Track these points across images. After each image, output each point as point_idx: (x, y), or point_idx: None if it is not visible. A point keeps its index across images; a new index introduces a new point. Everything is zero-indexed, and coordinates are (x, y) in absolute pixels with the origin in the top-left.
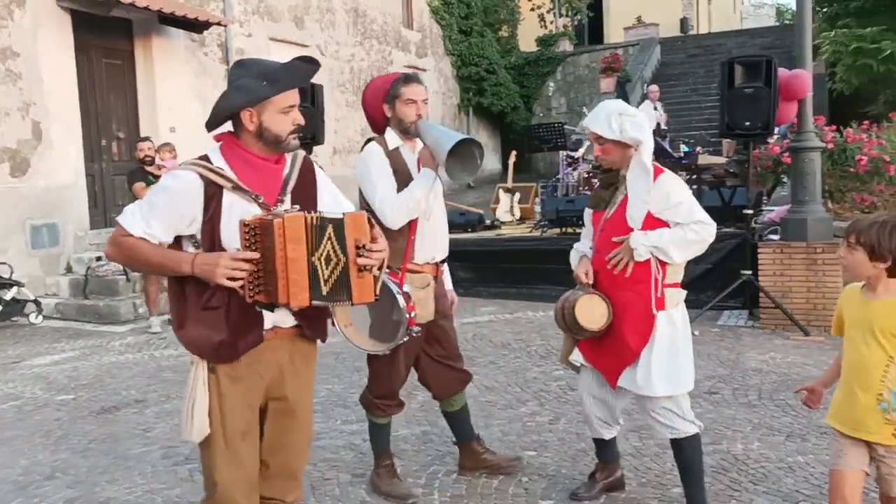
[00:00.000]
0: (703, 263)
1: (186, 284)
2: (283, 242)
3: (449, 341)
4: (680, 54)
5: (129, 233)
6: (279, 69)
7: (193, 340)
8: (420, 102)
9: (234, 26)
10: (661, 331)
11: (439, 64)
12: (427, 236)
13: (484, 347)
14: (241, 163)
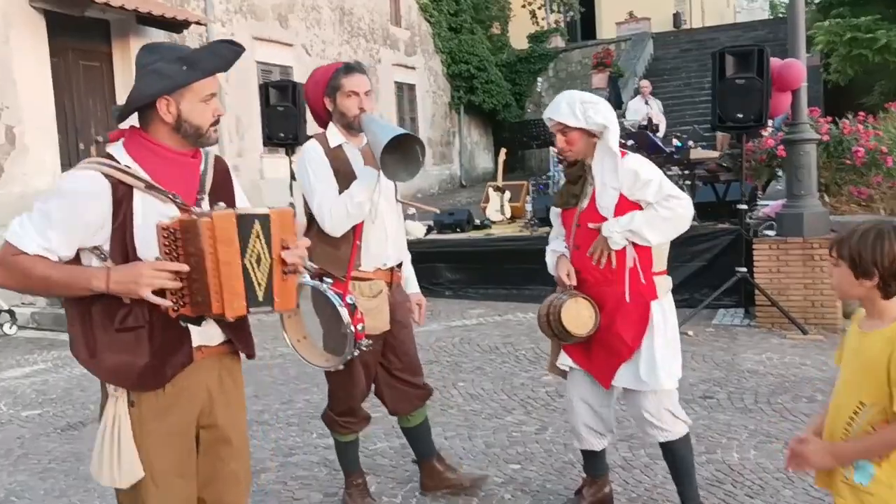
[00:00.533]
0: (697, 261)
1: (92, 304)
2: (214, 244)
3: (406, 353)
4: (673, 49)
5: (22, 250)
6: (199, 52)
7: (111, 369)
8: (363, 94)
9: (216, 26)
10: (657, 321)
11: (429, 62)
12: (375, 240)
13: (471, 352)
14: (153, 158)
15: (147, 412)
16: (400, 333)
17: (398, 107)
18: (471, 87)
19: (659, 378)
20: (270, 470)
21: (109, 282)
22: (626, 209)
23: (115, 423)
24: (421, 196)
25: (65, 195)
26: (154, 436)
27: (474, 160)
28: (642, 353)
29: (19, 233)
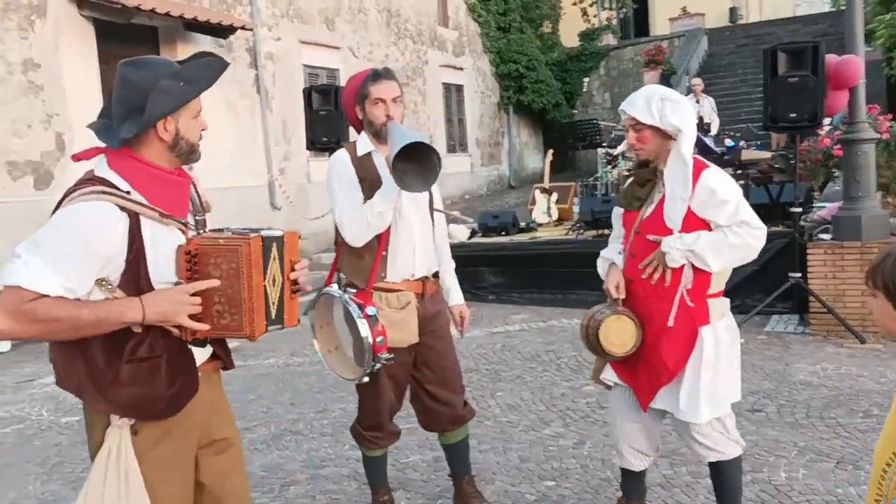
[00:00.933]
0: (750, 265)
1: (94, 339)
2: (250, 267)
3: (441, 366)
4: (728, 44)
5: (42, 293)
6: (192, 67)
7: (127, 403)
8: (390, 101)
9: (263, 30)
10: (707, 348)
11: (477, 62)
12: (402, 251)
13: (512, 360)
14: (148, 180)
15: (148, 439)
16: (434, 345)
17: (446, 108)
18: (520, 86)
19: (699, 409)
20: (300, 483)
21: (146, 312)
22: (694, 225)
23: (119, 454)
24: (469, 197)
25: (81, 229)
26: (156, 462)
27: (523, 161)
28: (685, 380)
29: (32, 274)
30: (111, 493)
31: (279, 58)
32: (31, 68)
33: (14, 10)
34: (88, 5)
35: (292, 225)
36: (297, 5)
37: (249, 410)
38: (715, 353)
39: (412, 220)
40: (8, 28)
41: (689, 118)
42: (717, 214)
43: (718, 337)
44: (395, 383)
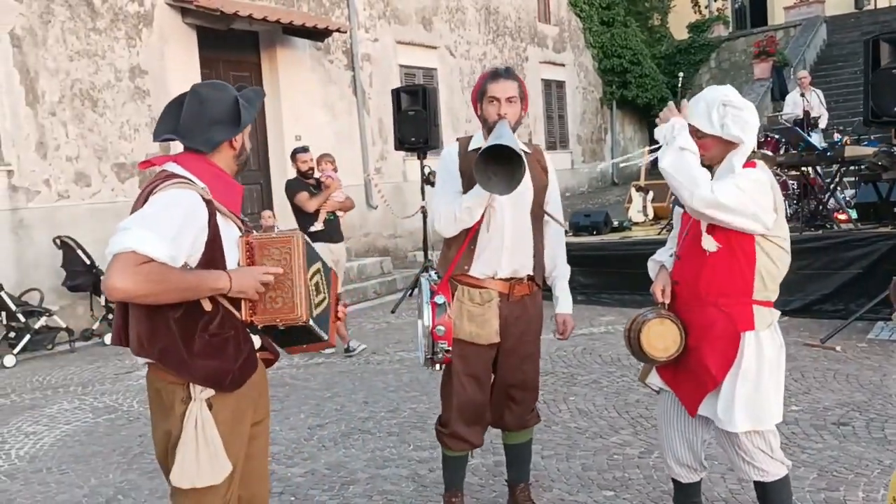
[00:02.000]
0: (853, 268)
1: (170, 312)
2: (300, 258)
3: (523, 370)
4: (852, 32)
5: (152, 257)
6: (250, 93)
7: (205, 373)
8: (503, 101)
9: (360, 32)
10: (748, 355)
11: (579, 58)
12: (489, 249)
13: (591, 364)
14: (218, 183)
15: (221, 413)
16: (516, 350)
17: (546, 104)
18: (624, 81)
19: (734, 420)
20: (359, 482)
21: (233, 283)
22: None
23: (202, 424)
24: (569, 195)
25: (183, 209)
26: (228, 435)
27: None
28: (723, 388)
29: (144, 241)
30: (205, 462)
31: (376, 59)
32: (139, 75)
33: (122, 20)
34: (192, 13)
35: (387, 223)
36: (393, 6)
37: (324, 407)
38: (757, 363)
39: (506, 219)
40: (117, 37)
41: (751, 127)
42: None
43: (762, 346)
44: (475, 383)
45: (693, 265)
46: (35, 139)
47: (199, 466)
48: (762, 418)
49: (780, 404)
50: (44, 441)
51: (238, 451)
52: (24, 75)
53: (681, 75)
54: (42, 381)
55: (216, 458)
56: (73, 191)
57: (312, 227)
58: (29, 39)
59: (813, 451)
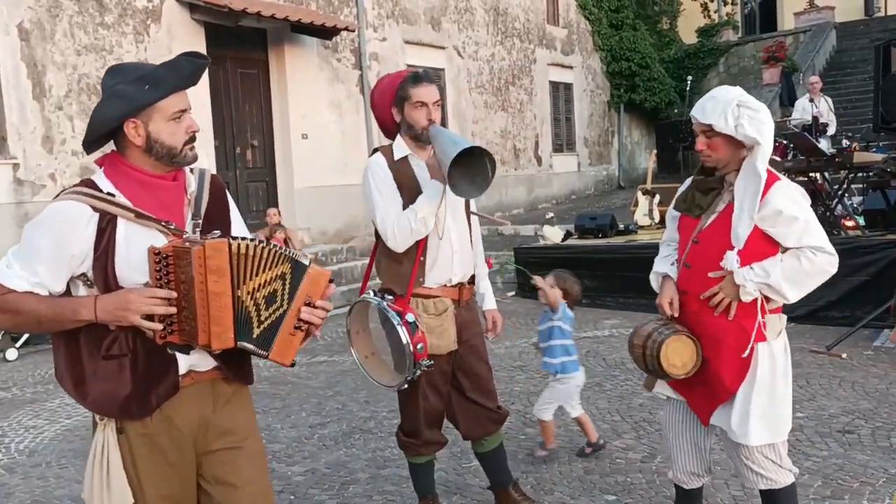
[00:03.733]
0: (860, 275)
1: (79, 332)
2: (204, 273)
3: (477, 374)
4: (861, 39)
5: (10, 288)
6: (159, 70)
7: (95, 399)
8: (431, 105)
9: (369, 31)
10: (762, 366)
11: (587, 60)
12: (441, 257)
13: (595, 366)
14: (132, 183)
15: (135, 438)
16: (469, 353)
17: (553, 107)
18: (632, 84)
19: (749, 433)
20: (360, 482)
21: (97, 310)
22: (757, 244)
23: (103, 450)
24: (575, 197)
25: (51, 227)
26: (143, 462)
27: (634, 160)
28: (737, 400)
29: (7, 272)
30: (97, 488)
31: (384, 58)
32: None
33: (130, 15)
34: (200, 10)
35: None
36: (402, 6)
37: (325, 407)
38: (771, 374)
39: (450, 224)
40: (125, 32)
41: (767, 129)
42: (785, 233)
43: (774, 356)
44: (436, 391)
45: (706, 276)
46: (41, 133)
47: (93, 493)
48: (779, 430)
49: (790, 415)
50: (44, 435)
51: (168, 483)
52: (32, 69)
53: (689, 79)
54: (44, 376)
55: (111, 488)
56: None
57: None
58: (37, 33)
59: (818, 459)
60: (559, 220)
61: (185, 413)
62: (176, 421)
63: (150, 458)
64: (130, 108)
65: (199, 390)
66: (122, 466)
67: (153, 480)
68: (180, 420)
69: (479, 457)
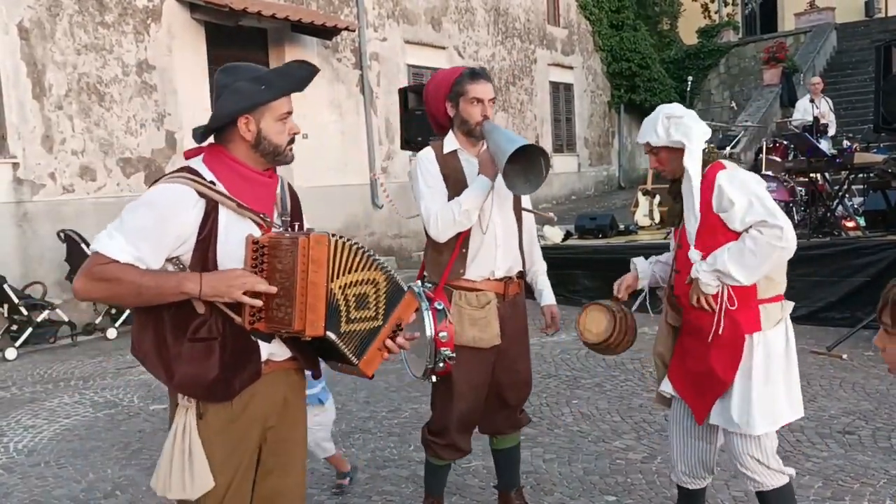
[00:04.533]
0: (860, 276)
1: (165, 313)
2: (307, 263)
3: (516, 370)
4: (861, 40)
5: (114, 259)
6: (275, 72)
7: (182, 380)
8: (487, 102)
9: (369, 31)
10: (757, 355)
11: (587, 61)
12: (484, 249)
13: (594, 367)
14: (233, 176)
15: (215, 424)
16: (512, 349)
17: (553, 107)
18: (632, 85)
19: (752, 422)
20: (359, 482)
21: (203, 285)
22: (717, 233)
23: (185, 433)
24: (575, 198)
25: (158, 207)
26: (221, 447)
27: (634, 161)
28: (736, 390)
29: (109, 243)
30: (177, 471)
31: (384, 58)
32: (146, 70)
33: (131, 14)
34: (200, 9)
35: (391, 223)
36: (402, 6)
37: None
38: (765, 362)
39: (495, 219)
40: (125, 31)
41: (692, 131)
42: (729, 218)
43: (769, 344)
44: (475, 393)
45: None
46: (41, 132)
47: (171, 477)
48: (777, 417)
49: (795, 399)
50: (43, 435)
51: (236, 468)
52: (32, 68)
53: (690, 79)
54: (43, 375)
55: (194, 471)
56: (78, 185)
57: None
58: (37, 32)
59: (818, 460)
60: (559, 220)
61: (262, 400)
62: (253, 407)
63: (227, 444)
64: (248, 104)
65: (275, 378)
66: (203, 452)
67: (228, 465)
68: (257, 406)
69: (494, 453)
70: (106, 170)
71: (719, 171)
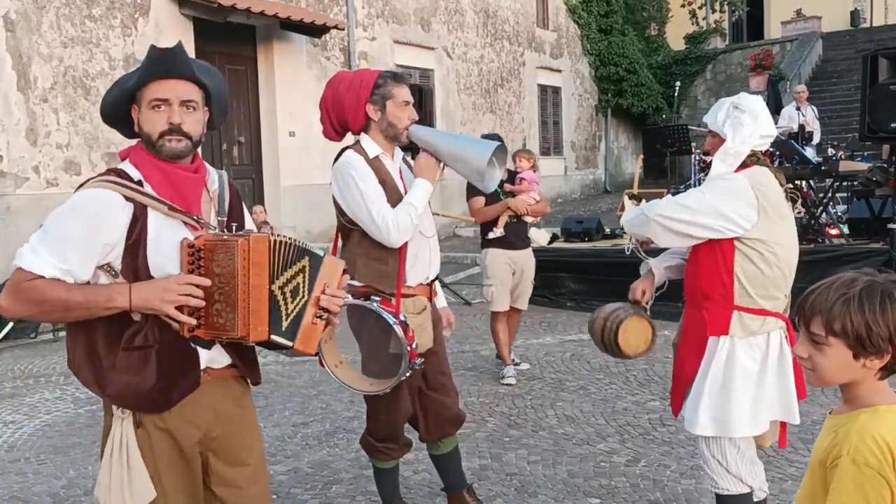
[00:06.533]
0: None
1: (98, 322)
2: (248, 266)
3: (443, 373)
4: (847, 49)
5: (38, 274)
6: (146, 58)
7: (117, 391)
8: (411, 105)
9: (358, 30)
10: (718, 359)
11: (575, 64)
12: (423, 254)
13: (579, 370)
14: (157, 174)
15: (153, 432)
16: (438, 350)
17: (541, 110)
18: (619, 89)
19: (694, 420)
20: (343, 482)
21: (132, 298)
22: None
23: (122, 444)
24: (562, 201)
25: (83, 214)
26: (162, 456)
27: (621, 165)
28: (693, 388)
29: (33, 258)
30: (116, 483)
31: (373, 57)
32: (133, 64)
33: (119, 8)
34: (188, 4)
35: None
36: (392, 5)
37: (309, 406)
38: (726, 370)
39: (426, 222)
40: (112, 25)
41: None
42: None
43: (735, 353)
44: (411, 392)
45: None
46: (25, 125)
47: (111, 490)
48: (726, 427)
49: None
50: (23, 431)
51: (186, 476)
52: (17, 60)
53: (678, 85)
54: (24, 370)
55: (133, 484)
56: (62, 178)
57: (491, 234)
58: (23, 24)
59: (801, 465)
60: (545, 222)
61: (201, 409)
62: (192, 416)
63: (168, 453)
64: (118, 92)
65: (214, 387)
66: (142, 460)
67: (171, 475)
68: (196, 415)
69: (434, 459)
70: (91, 164)
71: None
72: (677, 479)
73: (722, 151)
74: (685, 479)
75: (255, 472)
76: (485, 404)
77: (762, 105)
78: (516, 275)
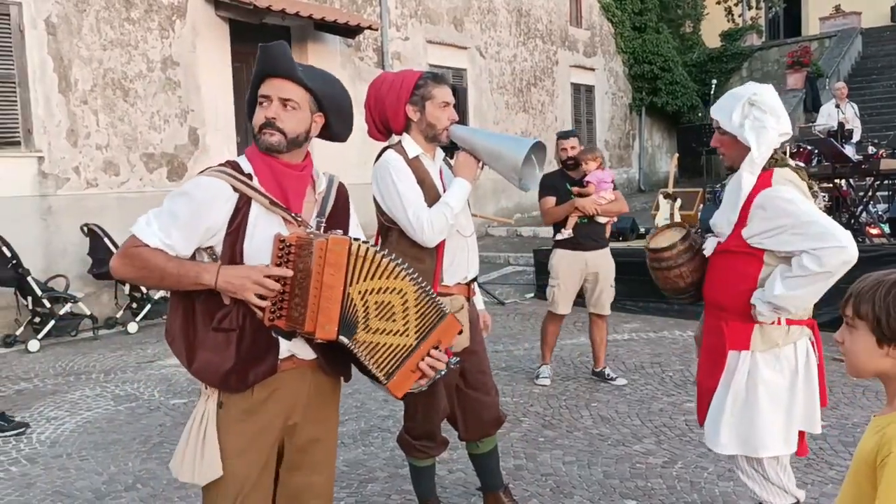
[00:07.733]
0: None
1: (196, 300)
2: (322, 264)
3: (483, 372)
4: (888, 45)
5: (145, 243)
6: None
7: (200, 366)
8: (451, 106)
9: (391, 30)
10: (738, 377)
11: (609, 63)
12: (461, 253)
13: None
14: (265, 170)
15: (234, 414)
16: (477, 350)
17: (574, 109)
18: (654, 88)
19: (718, 440)
20: (378, 480)
21: (218, 278)
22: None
23: (203, 420)
24: None
25: (194, 199)
26: (237, 439)
27: (655, 164)
28: (713, 404)
29: (144, 228)
30: (189, 455)
31: (406, 57)
32: (170, 66)
33: (156, 10)
34: (224, 6)
35: None
36: (425, 5)
37: (344, 404)
38: (748, 386)
39: (464, 222)
40: (150, 28)
41: (766, 135)
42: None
43: (757, 369)
44: (448, 390)
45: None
46: (66, 127)
47: (184, 460)
48: (752, 446)
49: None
50: (65, 427)
51: (253, 460)
52: (58, 63)
53: (714, 83)
54: (65, 367)
55: (204, 458)
56: (101, 179)
57: (559, 235)
58: (64, 27)
59: (842, 468)
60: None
61: (283, 395)
62: (274, 401)
63: (246, 434)
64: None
65: (299, 375)
66: (216, 440)
67: (246, 458)
68: (278, 400)
69: (473, 458)
70: (129, 165)
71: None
72: (714, 481)
73: (749, 163)
74: (723, 480)
75: (325, 464)
76: (519, 404)
77: (778, 98)
78: (590, 278)
